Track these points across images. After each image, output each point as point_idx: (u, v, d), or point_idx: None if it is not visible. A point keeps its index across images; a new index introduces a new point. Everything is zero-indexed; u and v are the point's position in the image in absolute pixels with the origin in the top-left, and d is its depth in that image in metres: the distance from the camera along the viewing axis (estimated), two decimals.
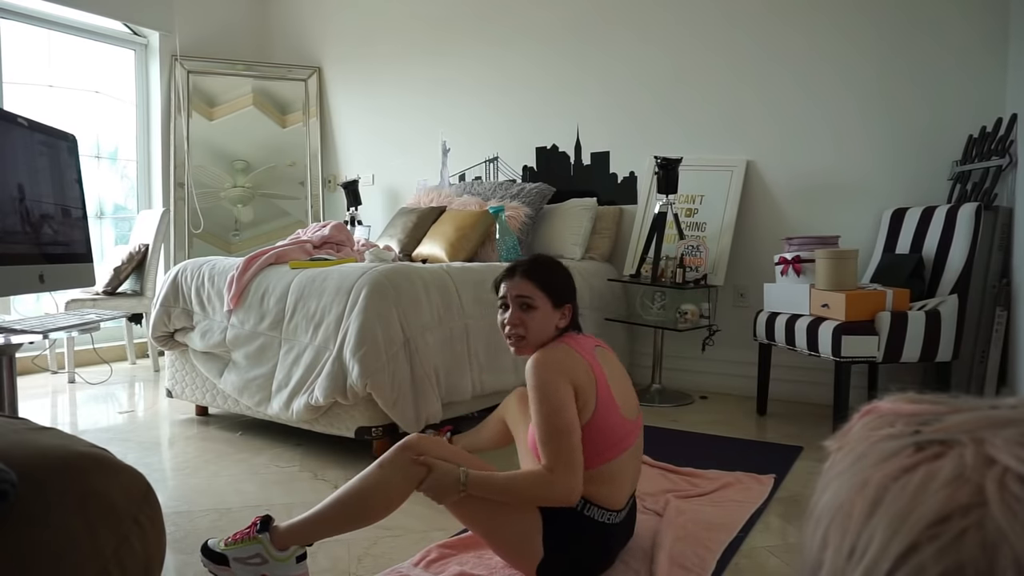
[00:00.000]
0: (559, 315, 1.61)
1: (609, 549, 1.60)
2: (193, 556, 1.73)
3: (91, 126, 4.55)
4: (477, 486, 1.50)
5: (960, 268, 2.76)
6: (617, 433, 1.54)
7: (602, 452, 1.52)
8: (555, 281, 1.62)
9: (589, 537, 1.54)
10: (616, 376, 1.61)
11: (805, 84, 3.45)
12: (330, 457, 2.52)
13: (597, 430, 1.51)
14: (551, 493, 1.47)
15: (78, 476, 0.77)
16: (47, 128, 1.79)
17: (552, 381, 1.48)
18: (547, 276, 1.62)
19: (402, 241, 3.73)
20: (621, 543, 1.67)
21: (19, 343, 1.71)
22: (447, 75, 4.54)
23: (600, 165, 4.04)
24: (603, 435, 1.51)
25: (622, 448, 1.55)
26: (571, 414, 1.47)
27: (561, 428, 1.46)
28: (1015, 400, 0.33)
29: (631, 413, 1.60)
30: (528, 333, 1.59)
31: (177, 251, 4.71)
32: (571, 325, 1.65)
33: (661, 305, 3.56)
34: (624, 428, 1.56)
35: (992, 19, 3.03)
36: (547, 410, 1.47)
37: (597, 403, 1.51)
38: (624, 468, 1.57)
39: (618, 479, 1.56)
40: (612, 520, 1.57)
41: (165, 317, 2.95)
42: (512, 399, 1.89)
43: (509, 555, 1.57)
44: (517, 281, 1.61)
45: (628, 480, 1.59)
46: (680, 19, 3.75)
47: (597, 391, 1.52)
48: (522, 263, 1.65)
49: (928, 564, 0.27)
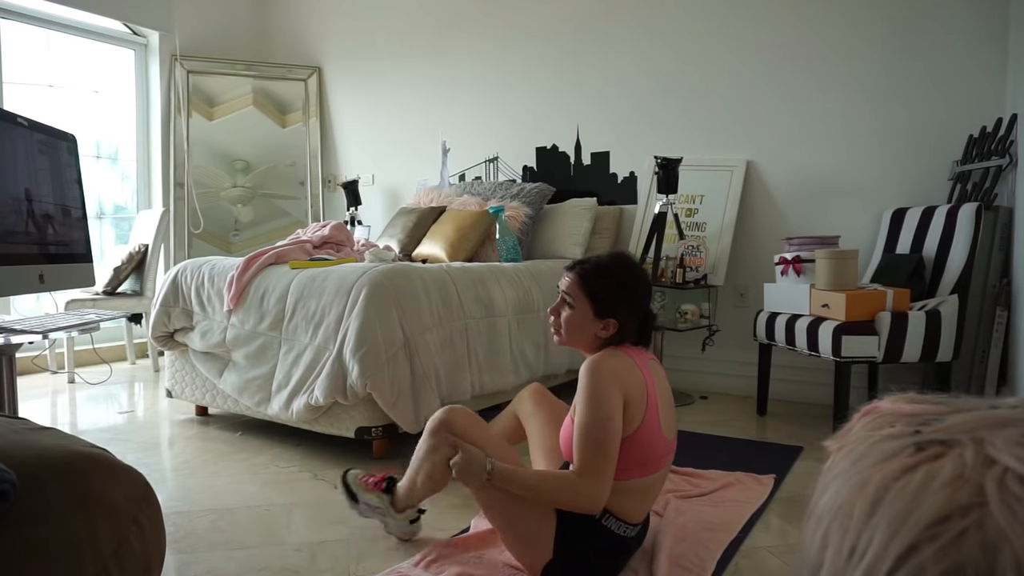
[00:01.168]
0: (600, 325, 1.56)
1: (619, 561, 1.60)
2: (193, 556, 1.73)
3: (91, 126, 4.55)
4: (502, 478, 1.49)
5: (960, 268, 2.76)
6: (656, 452, 1.52)
7: (637, 467, 1.51)
8: (603, 291, 1.56)
9: (602, 546, 1.53)
10: (664, 394, 1.58)
11: (806, 84, 3.45)
12: (330, 457, 2.52)
13: (638, 445, 1.49)
14: (576, 499, 1.46)
15: (78, 476, 0.77)
16: (47, 128, 1.79)
17: (605, 389, 1.45)
18: (596, 283, 1.56)
19: (402, 241, 3.73)
20: (632, 555, 1.66)
21: (19, 343, 1.71)
22: (447, 75, 4.54)
23: (600, 165, 4.04)
24: (642, 451, 1.50)
25: (657, 467, 1.54)
26: (615, 426, 1.44)
27: (602, 438, 1.43)
28: (1015, 400, 0.33)
29: (670, 433, 1.58)
30: (564, 331, 1.60)
31: (177, 251, 4.71)
32: (624, 340, 1.59)
33: (661, 305, 3.56)
34: (663, 448, 1.54)
35: (992, 19, 3.03)
36: (593, 418, 1.44)
37: (644, 419, 1.49)
38: (653, 486, 1.56)
39: (645, 495, 1.55)
40: (628, 533, 1.56)
41: (165, 317, 2.95)
42: (526, 395, 1.88)
43: (518, 550, 1.57)
44: (570, 276, 1.60)
45: (652, 497, 1.59)
46: (681, 19, 3.75)
47: (647, 407, 1.50)
48: (586, 260, 1.62)
49: (928, 564, 0.27)
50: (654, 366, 1.60)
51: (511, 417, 1.91)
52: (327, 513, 2.02)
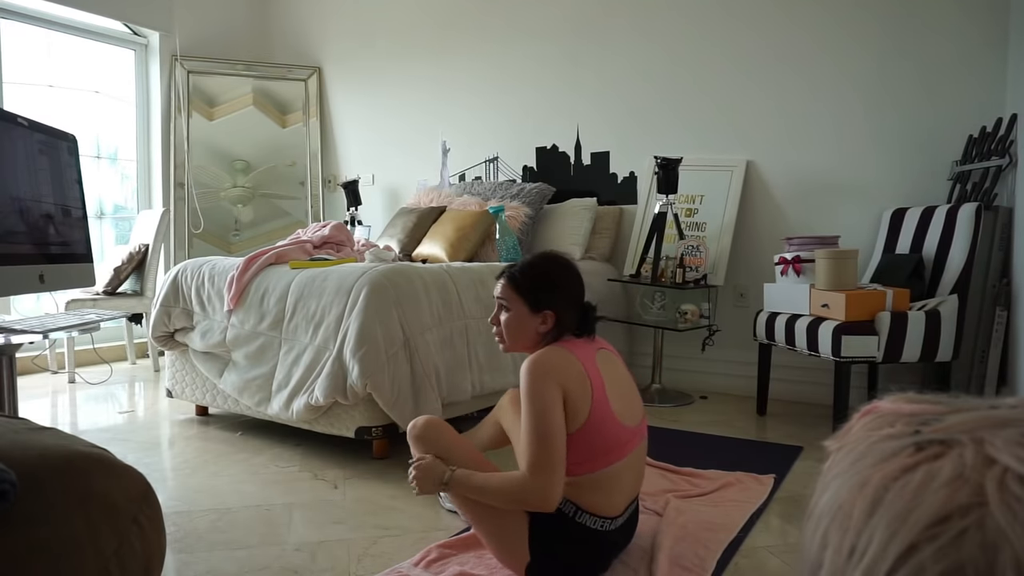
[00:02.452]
0: (539, 320, 1.59)
1: (602, 555, 1.59)
2: (193, 556, 1.73)
3: (91, 126, 4.55)
4: (458, 484, 1.53)
5: (960, 268, 2.76)
6: (611, 441, 1.51)
7: (594, 459, 1.50)
8: (534, 286, 1.60)
9: (580, 543, 1.53)
10: (617, 382, 1.58)
11: (805, 84, 3.45)
12: (330, 457, 2.52)
13: (589, 437, 1.48)
14: (526, 497, 1.45)
15: (78, 476, 0.78)
16: (47, 128, 1.79)
17: (539, 384, 1.47)
18: (526, 280, 1.60)
19: (402, 241, 3.73)
20: (618, 548, 1.65)
21: (19, 343, 1.71)
22: (447, 75, 4.54)
23: (600, 165, 4.04)
24: (596, 442, 1.49)
25: (617, 456, 1.52)
26: (555, 419, 1.45)
27: (543, 433, 1.43)
28: (1015, 400, 0.33)
29: (631, 420, 1.56)
30: (505, 335, 1.63)
31: (177, 251, 4.71)
32: (565, 332, 1.60)
33: (661, 305, 3.56)
34: (621, 436, 1.53)
35: (992, 19, 3.03)
36: (531, 413, 1.46)
37: (591, 410, 1.49)
38: (619, 476, 1.54)
39: (612, 487, 1.53)
40: (607, 527, 1.55)
41: (165, 317, 2.95)
42: (505, 400, 1.87)
43: (498, 554, 1.58)
44: (500, 283, 1.65)
45: (625, 487, 1.57)
46: (681, 19, 3.75)
47: (592, 398, 1.49)
48: (511, 265, 1.68)
49: (928, 564, 0.27)
50: (604, 356, 1.61)
51: (494, 424, 1.90)
52: (327, 513, 2.02)
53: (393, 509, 2.04)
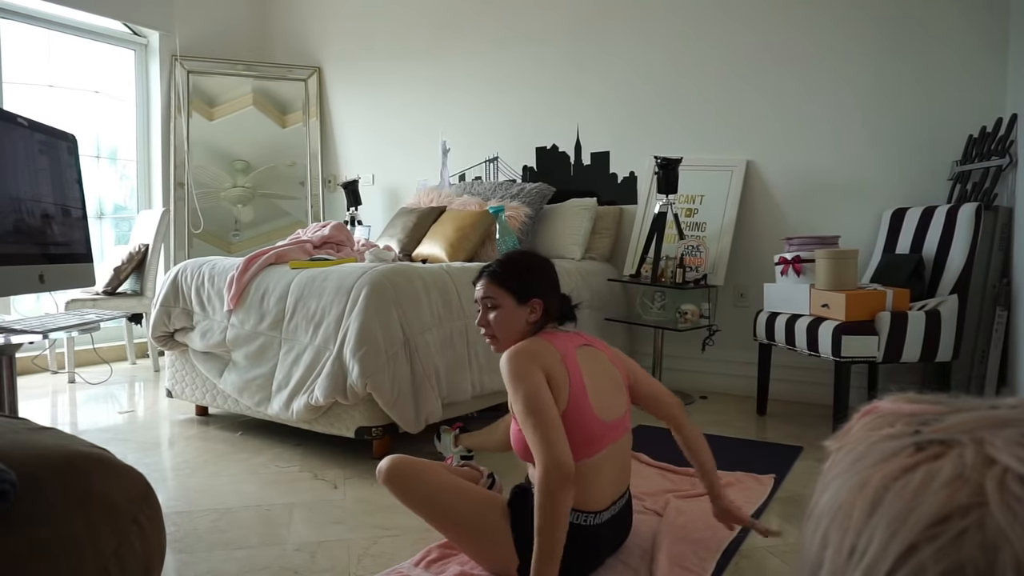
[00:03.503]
0: (527, 310, 1.62)
1: (592, 551, 1.59)
2: (193, 556, 1.73)
3: (91, 126, 4.55)
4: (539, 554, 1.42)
5: (960, 268, 2.76)
6: (587, 434, 1.51)
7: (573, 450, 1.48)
8: (516, 277, 1.63)
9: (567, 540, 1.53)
10: (597, 376, 1.59)
11: (805, 84, 3.44)
12: (330, 457, 2.52)
13: (566, 428, 1.48)
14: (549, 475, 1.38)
15: (78, 476, 0.77)
16: (47, 128, 1.79)
17: (523, 368, 1.49)
18: (508, 274, 1.63)
19: (402, 241, 3.73)
20: (609, 544, 1.65)
21: (19, 343, 1.71)
22: (447, 75, 4.54)
23: (600, 165, 4.04)
24: (572, 434, 1.48)
25: (595, 449, 1.53)
26: (545, 394, 1.47)
27: (535, 408, 1.45)
28: (1015, 400, 0.33)
29: (608, 415, 1.57)
30: (497, 332, 1.63)
31: (177, 251, 4.71)
32: (551, 319, 1.65)
33: (661, 305, 3.56)
34: (597, 430, 1.53)
35: (992, 19, 3.03)
36: (521, 395, 1.47)
37: (569, 401, 1.51)
38: (598, 469, 1.54)
39: (591, 480, 1.53)
40: (592, 522, 1.55)
41: (165, 317, 2.95)
42: None
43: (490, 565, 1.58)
44: (481, 283, 1.66)
45: (605, 481, 1.57)
46: (681, 19, 3.75)
47: (570, 388, 1.51)
48: (487, 264, 1.69)
49: (928, 564, 0.27)
50: (587, 352, 1.63)
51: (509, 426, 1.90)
52: (327, 513, 2.02)
53: (393, 509, 2.03)
